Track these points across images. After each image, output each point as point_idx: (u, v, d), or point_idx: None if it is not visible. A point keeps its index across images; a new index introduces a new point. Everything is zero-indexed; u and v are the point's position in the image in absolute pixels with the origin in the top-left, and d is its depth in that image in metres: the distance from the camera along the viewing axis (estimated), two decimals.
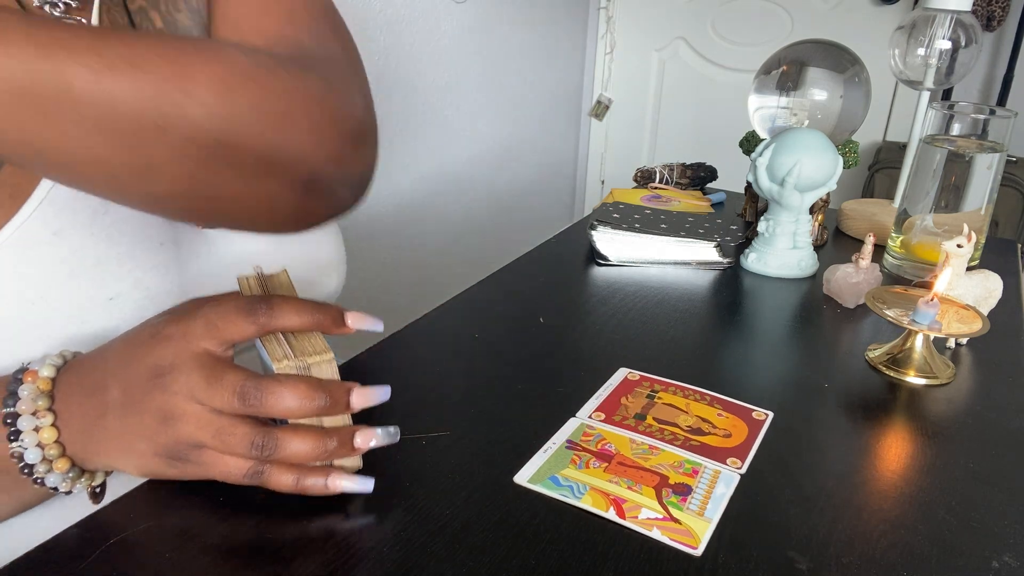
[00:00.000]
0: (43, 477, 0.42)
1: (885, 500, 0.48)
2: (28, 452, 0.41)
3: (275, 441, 0.41)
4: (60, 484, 0.43)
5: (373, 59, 1.66)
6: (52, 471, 0.42)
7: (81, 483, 0.44)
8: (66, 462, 0.42)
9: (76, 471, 0.43)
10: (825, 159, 0.78)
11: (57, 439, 0.42)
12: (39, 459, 0.42)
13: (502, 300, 0.75)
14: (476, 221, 2.18)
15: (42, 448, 0.42)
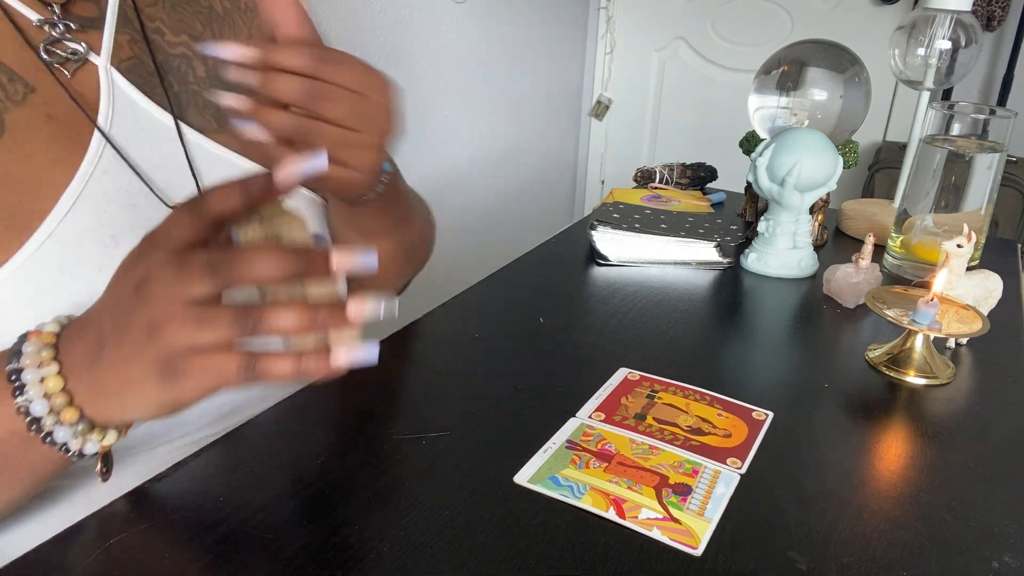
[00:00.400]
0: (52, 431, 0.41)
1: (885, 500, 0.48)
2: (34, 404, 0.40)
3: (257, 316, 0.38)
4: (70, 440, 0.41)
5: (373, 59, 1.66)
6: (60, 423, 0.41)
7: (91, 440, 0.42)
8: (74, 412, 0.41)
9: (85, 424, 0.42)
10: (825, 159, 0.78)
11: (63, 388, 0.41)
12: (46, 410, 0.40)
13: (502, 300, 0.75)
14: (476, 221, 2.18)
15: (48, 398, 0.40)
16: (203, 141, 0.58)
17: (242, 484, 0.47)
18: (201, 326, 0.38)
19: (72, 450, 0.42)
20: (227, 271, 0.38)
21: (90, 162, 0.52)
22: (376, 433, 0.53)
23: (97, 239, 0.50)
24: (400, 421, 0.54)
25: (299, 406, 0.56)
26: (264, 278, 0.38)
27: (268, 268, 0.38)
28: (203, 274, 0.38)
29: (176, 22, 0.60)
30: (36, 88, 0.51)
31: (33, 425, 0.41)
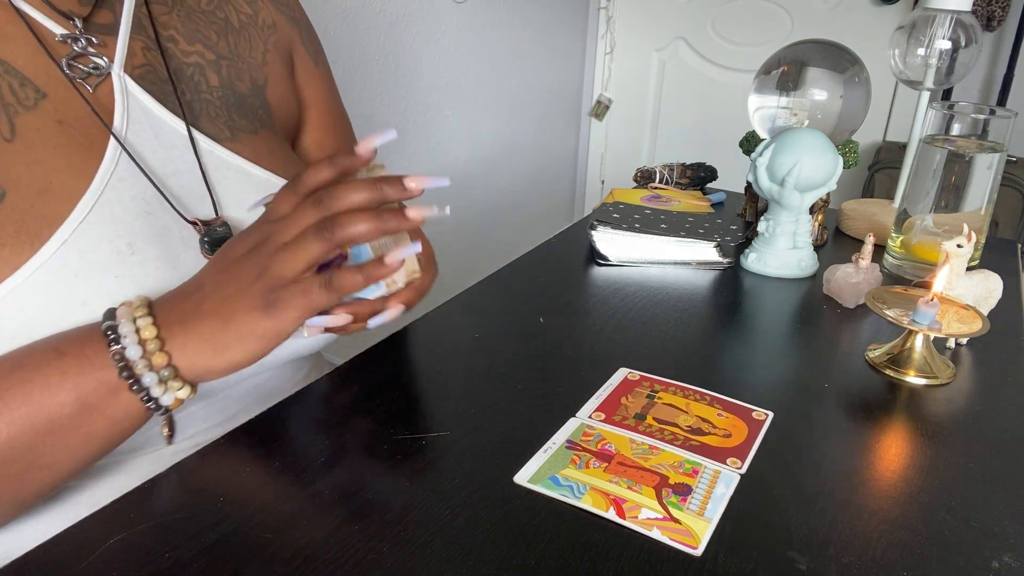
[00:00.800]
0: (141, 376, 0.45)
1: (885, 500, 0.48)
2: (129, 349, 0.45)
3: (336, 222, 0.44)
4: (153, 387, 0.45)
5: (373, 59, 1.66)
6: (151, 368, 0.45)
7: (171, 390, 0.46)
8: (163, 356, 0.45)
9: (171, 371, 0.45)
10: (825, 159, 0.78)
11: (157, 335, 0.45)
12: (139, 354, 0.44)
13: (502, 300, 0.75)
14: (476, 221, 2.18)
15: (143, 344, 0.45)
16: (216, 149, 0.58)
17: (242, 484, 0.47)
18: (300, 249, 0.44)
19: (154, 397, 0.46)
20: (327, 198, 0.45)
21: (106, 169, 0.52)
22: (376, 433, 0.53)
23: (113, 247, 0.50)
24: (400, 421, 0.54)
25: (299, 406, 0.56)
26: (360, 202, 0.45)
27: (359, 195, 0.45)
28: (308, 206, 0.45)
29: (191, 31, 0.60)
30: (47, 94, 0.51)
31: (124, 371, 0.45)
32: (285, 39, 0.68)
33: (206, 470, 0.49)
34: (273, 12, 0.67)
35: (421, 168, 1.90)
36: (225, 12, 0.63)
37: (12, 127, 0.49)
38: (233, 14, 0.64)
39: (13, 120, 0.49)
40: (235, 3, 0.64)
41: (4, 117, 0.49)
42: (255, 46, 0.64)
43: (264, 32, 0.65)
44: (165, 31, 0.59)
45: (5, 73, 0.50)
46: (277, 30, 0.67)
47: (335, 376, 0.60)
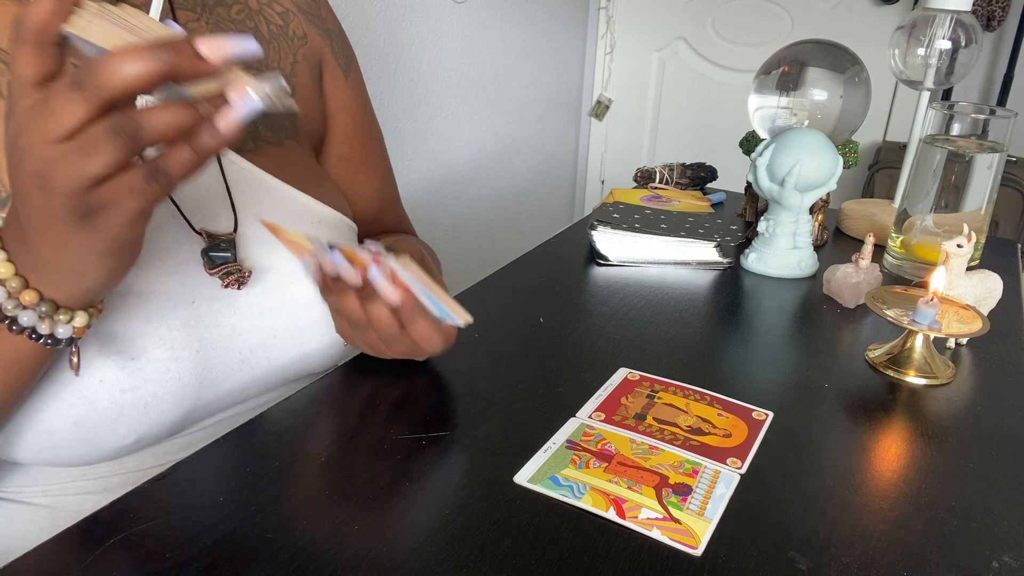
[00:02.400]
0: (15, 316, 0.41)
1: (885, 500, 0.48)
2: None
3: (135, 120, 0.34)
4: (37, 324, 0.41)
5: (373, 59, 1.66)
6: (21, 307, 0.40)
7: (60, 322, 0.42)
8: (33, 293, 0.40)
9: (48, 305, 0.41)
10: (825, 159, 0.78)
11: (16, 273, 0.40)
12: (4, 295, 0.40)
13: (502, 300, 0.75)
14: (476, 221, 2.18)
15: (3, 284, 0.40)
16: (239, 160, 0.58)
17: (242, 484, 0.47)
18: (84, 155, 0.34)
19: (42, 333, 0.42)
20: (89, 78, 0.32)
21: None
22: (376, 433, 0.53)
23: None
24: (400, 421, 0.54)
25: (299, 406, 0.56)
26: (131, 79, 0.32)
27: (133, 68, 0.32)
28: (66, 92, 0.33)
29: None
30: None
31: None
32: (315, 51, 0.67)
33: (206, 470, 0.49)
34: (304, 24, 0.67)
35: (421, 168, 1.90)
36: (255, 22, 0.62)
37: None
38: (263, 24, 0.63)
39: None
40: (266, 14, 0.64)
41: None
42: (284, 56, 0.64)
43: (294, 43, 0.65)
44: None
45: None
46: (308, 42, 0.66)
47: (335, 376, 0.60)
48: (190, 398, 0.54)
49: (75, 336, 0.44)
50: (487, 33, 2.05)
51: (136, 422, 0.51)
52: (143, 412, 0.51)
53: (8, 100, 0.37)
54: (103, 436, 0.51)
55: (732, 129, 2.31)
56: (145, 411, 0.51)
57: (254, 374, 0.58)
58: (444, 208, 2.02)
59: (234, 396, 0.58)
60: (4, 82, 0.49)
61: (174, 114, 0.34)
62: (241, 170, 0.58)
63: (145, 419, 0.51)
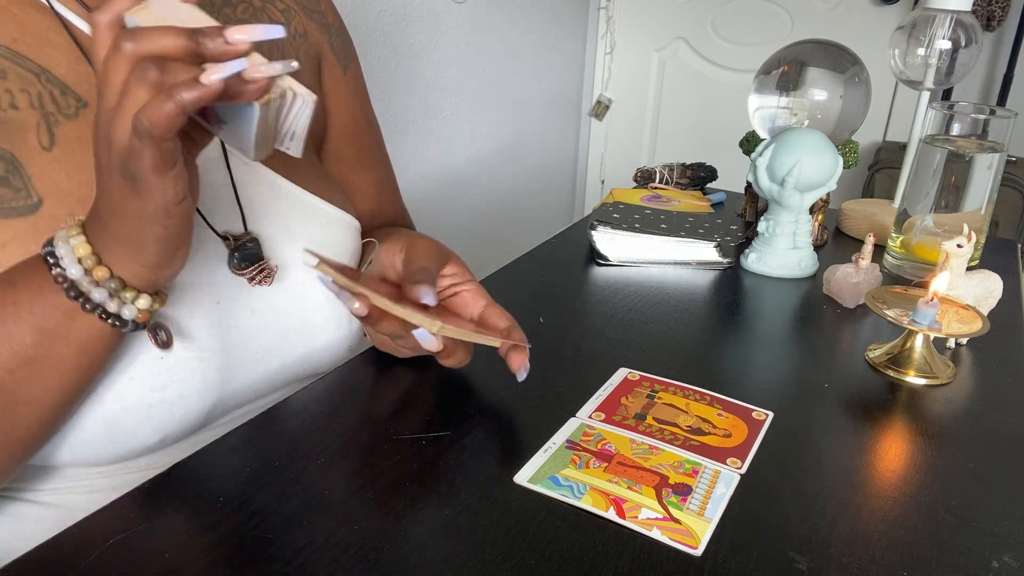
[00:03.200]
0: (88, 293, 0.43)
1: (885, 500, 0.48)
2: (69, 268, 0.43)
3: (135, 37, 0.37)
4: (106, 302, 0.44)
5: (373, 59, 1.66)
6: (95, 284, 0.43)
7: (127, 301, 0.45)
8: (104, 270, 0.43)
9: (117, 282, 0.44)
10: (825, 159, 0.78)
11: (92, 252, 0.43)
12: (80, 272, 0.43)
13: (502, 300, 0.75)
14: (476, 221, 2.18)
15: (80, 262, 0.43)
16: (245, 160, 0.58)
17: (242, 484, 0.47)
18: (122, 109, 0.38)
19: (110, 312, 0.44)
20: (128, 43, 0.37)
21: None
22: (376, 433, 0.53)
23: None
24: (400, 421, 0.54)
25: (299, 407, 0.56)
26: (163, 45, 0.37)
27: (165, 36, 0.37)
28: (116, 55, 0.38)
29: None
30: (89, 103, 0.51)
31: (71, 290, 0.43)
32: (315, 47, 0.67)
33: (206, 470, 0.49)
34: (304, 20, 0.67)
35: (421, 168, 1.90)
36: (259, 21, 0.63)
37: (52, 136, 0.49)
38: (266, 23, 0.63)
39: (53, 129, 0.49)
40: (269, 12, 0.64)
41: (44, 126, 0.49)
42: (286, 55, 0.64)
43: (295, 41, 0.65)
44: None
45: (47, 82, 0.50)
46: (307, 38, 0.67)
47: (335, 377, 0.60)
48: (213, 396, 0.54)
49: (139, 320, 0.46)
50: (487, 33, 2.05)
51: (162, 421, 0.52)
52: (169, 411, 0.52)
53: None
54: (131, 435, 0.52)
55: (732, 129, 2.31)
56: (171, 410, 0.52)
57: (268, 372, 0.59)
58: (444, 208, 2.02)
59: (248, 394, 0.59)
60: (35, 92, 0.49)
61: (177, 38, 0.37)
62: (248, 171, 0.58)
63: (171, 417, 0.52)
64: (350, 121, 0.72)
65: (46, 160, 0.49)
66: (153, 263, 0.44)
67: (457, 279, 0.58)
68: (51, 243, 0.44)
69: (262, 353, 0.58)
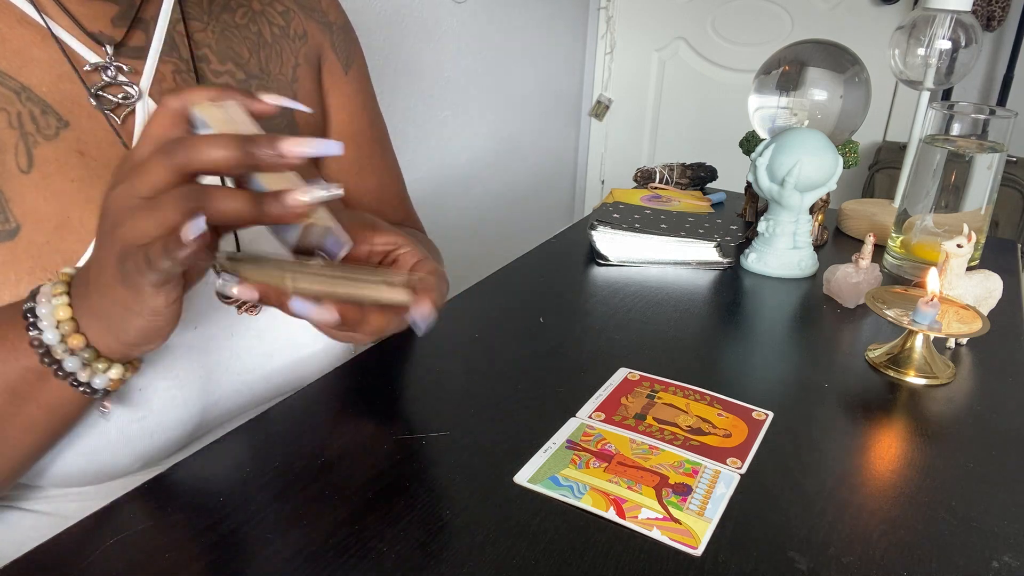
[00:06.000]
0: (62, 360, 0.42)
1: (885, 500, 0.48)
2: (46, 333, 0.42)
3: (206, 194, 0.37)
4: (79, 371, 0.43)
5: (372, 58, 1.66)
6: (69, 351, 0.42)
7: (99, 371, 0.43)
8: (80, 338, 0.42)
9: (91, 352, 0.43)
10: (825, 159, 0.78)
11: (71, 317, 0.42)
12: (57, 338, 0.42)
13: (502, 300, 0.75)
14: (476, 221, 2.18)
15: (58, 327, 0.42)
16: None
17: (242, 484, 0.47)
18: (153, 210, 0.36)
19: (81, 381, 0.43)
20: (177, 149, 0.36)
21: None
22: (376, 433, 0.53)
23: None
24: (400, 421, 0.54)
25: (298, 407, 0.56)
26: (214, 159, 0.36)
27: (219, 151, 0.36)
28: (154, 154, 0.37)
29: (224, 48, 0.59)
30: (70, 123, 0.50)
31: (45, 357, 0.42)
32: (315, 47, 0.66)
33: (206, 470, 0.49)
34: (304, 20, 0.65)
35: (421, 169, 1.90)
36: (259, 26, 0.62)
37: (30, 158, 0.48)
38: (266, 27, 0.62)
39: (32, 150, 0.48)
40: (268, 15, 0.63)
41: (23, 147, 0.48)
42: (286, 61, 0.63)
43: (295, 44, 0.64)
44: (198, 49, 0.57)
45: (27, 100, 0.48)
46: (307, 40, 0.65)
47: (335, 376, 0.60)
48: (195, 420, 0.54)
49: (110, 388, 0.45)
50: (487, 33, 2.05)
51: (143, 448, 0.52)
52: (149, 439, 0.51)
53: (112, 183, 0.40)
54: (112, 462, 0.51)
55: (732, 129, 2.31)
56: (151, 438, 0.51)
57: (251, 391, 0.58)
58: (444, 208, 2.02)
59: (233, 413, 0.58)
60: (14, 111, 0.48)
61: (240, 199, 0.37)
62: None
63: (151, 444, 0.52)
64: (348, 122, 0.70)
65: (24, 183, 0.48)
66: (132, 343, 0.43)
67: (390, 247, 0.51)
68: (34, 298, 0.42)
69: (245, 373, 0.57)
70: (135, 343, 0.43)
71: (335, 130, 0.70)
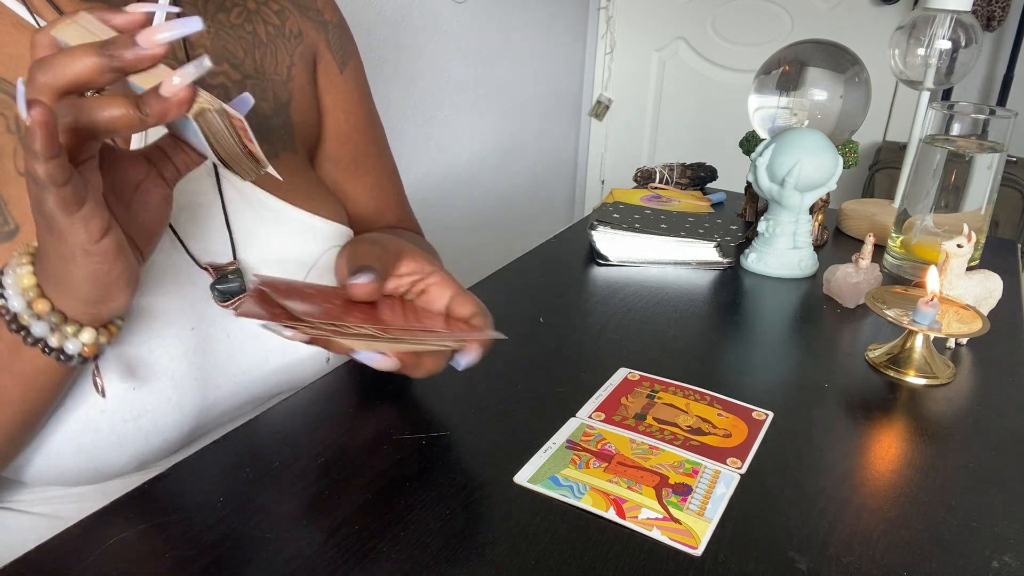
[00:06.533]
0: (29, 326, 0.42)
1: (885, 500, 0.48)
2: (11, 300, 0.42)
3: (81, 105, 0.36)
4: (48, 336, 0.42)
5: (372, 58, 1.66)
6: (36, 317, 0.42)
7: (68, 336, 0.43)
8: (45, 303, 0.42)
9: (57, 315, 0.42)
10: (825, 159, 0.78)
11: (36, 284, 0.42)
12: (23, 305, 0.42)
13: (502, 300, 0.75)
14: (476, 221, 2.18)
15: (23, 293, 0.42)
16: (233, 179, 0.57)
17: (242, 484, 0.47)
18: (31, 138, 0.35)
19: (52, 347, 0.43)
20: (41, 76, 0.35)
21: None
22: (376, 433, 0.53)
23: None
24: (400, 421, 0.54)
25: (299, 407, 0.56)
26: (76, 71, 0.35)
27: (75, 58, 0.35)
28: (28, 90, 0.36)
29: (219, 48, 0.59)
30: None
31: (12, 323, 0.42)
32: (310, 46, 0.66)
33: (206, 470, 0.49)
34: (299, 19, 0.65)
35: (421, 169, 1.90)
36: (253, 25, 0.61)
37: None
38: (261, 27, 0.62)
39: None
40: (264, 14, 0.62)
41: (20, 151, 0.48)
42: (281, 60, 0.63)
43: (291, 43, 0.64)
44: (193, 50, 0.57)
45: None
46: (303, 39, 0.65)
47: (335, 376, 0.60)
48: (191, 422, 0.54)
49: (85, 354, 0.44)
50: (487, 33, 2.05)
51: (138, 449, 0.51)
52: (144, 439, 0.51)
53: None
54: (106, 462, 0.51)
55: (732, 129, 2.31)
56: (147, 438, 0.51)
57: (250, 394, 0.58)
58: (444, 208, 2.02)
59: (230, 414, 0.58)
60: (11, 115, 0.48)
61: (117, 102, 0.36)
62: (237, 190, 0.57)
63: (147, 445, 0.52)
64: (344, 121, 0.70)
65: (22, 186, 0.48)
66: (89, 299, 0.42)
67: (417, 275, 0.52)
68: (2, 271, 0.43)
69: (242, 375, 0.57)
70: (93, 299, 0.42)
71: (331, 130, 0.69)
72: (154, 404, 0.51)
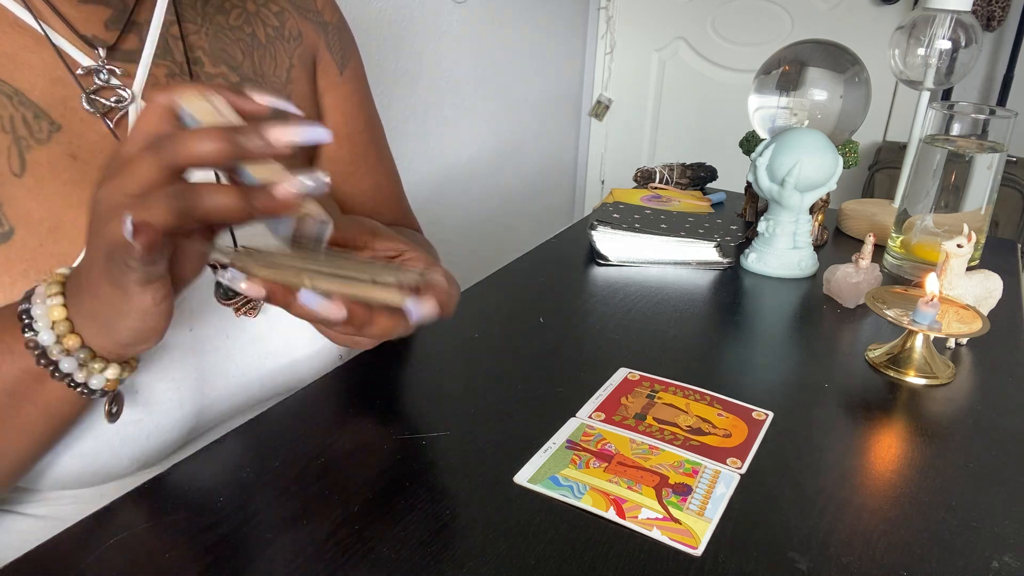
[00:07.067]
0: (58, 361, 0.42)
1: (885, 500, 0.48)
2: (41, 334, 0.41)
3: (195, 192, 0.36)
4: (75, 371, 0.42)
5: (373, 58, 1.66)
6: (65, 352, 0.42)
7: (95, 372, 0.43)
8: (75, 339, 0.42)
9: (87, 352, 0.42)
10: (825, 159, 0.78)
11: (67, 317, 0.42)
12: (52, 339, 0.41)
13: (502, 300, 0.75)
14: (476, 221, 2.18)
15: (53, 327, 0.41)
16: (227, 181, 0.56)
17: (242, 484, 0.47)
18: (142, 209, 0.36)
19: (78, 382, 0.43)
20: (167, 145, 0.36)
21: None
22: (376, 433, 0.53)
23: None
24: (400, 421, 0.54)
25: (298, 407, 0.56)
26: (201, 152, 0.36)
27: (208, 145, 0.36)
28: (142, 151, 0.36)
29: (217, 50, 0.58)
30: (62, 126, 0.50)
31: (42, 358, 0.42)
32: (310, 48, 0.65)
33: (206, 470, 0.49)
34: (298, 21, 0.65)
35: (421, 169, 1.90)
36: (253, 27, 0.61)
37: (22, 162, 0.48)
38: (260, 28, 0.62)
39: (24, 154, 0.48)
40: (263, 16, 0.62)
41: (15, 151, 0.48)
42: (280, 62, 0.63)
43: (290, 44, 0.64)
44: (192, 52, 0.57)
45: (20, 104, 0.48)
46: (302, 40, 0.65)
47: (335, 376, 0.60)
48: (191, 422, 0.54)
49: (107, 388, 0.44)
50: (487, 33, 2.05)
51: (139, 450, 0.51)
52: (145, 441, 0.51)
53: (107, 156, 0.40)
54: (108, 466, 0.51)
55: (732, 129, 2.31)
56: (147, 440, 0.51)
57: (248, 394, 0.58)
58: (444, 208, 2.02)
59: (229, 414, 0.58)
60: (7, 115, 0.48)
61: (229, 194, 0.36)
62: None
63: (147, 446, 0.52)
64: (344, 122, 0.70)
65: (17, 187, 0.48)
66: (125, 343, 0.43)
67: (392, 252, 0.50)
68: (29, 299, 0.42)
69: (240, 376, 0.56)
70: (129, 343, 0.43)
71: (331, 130, 0.69)
72: (155, 405, 0.51)
